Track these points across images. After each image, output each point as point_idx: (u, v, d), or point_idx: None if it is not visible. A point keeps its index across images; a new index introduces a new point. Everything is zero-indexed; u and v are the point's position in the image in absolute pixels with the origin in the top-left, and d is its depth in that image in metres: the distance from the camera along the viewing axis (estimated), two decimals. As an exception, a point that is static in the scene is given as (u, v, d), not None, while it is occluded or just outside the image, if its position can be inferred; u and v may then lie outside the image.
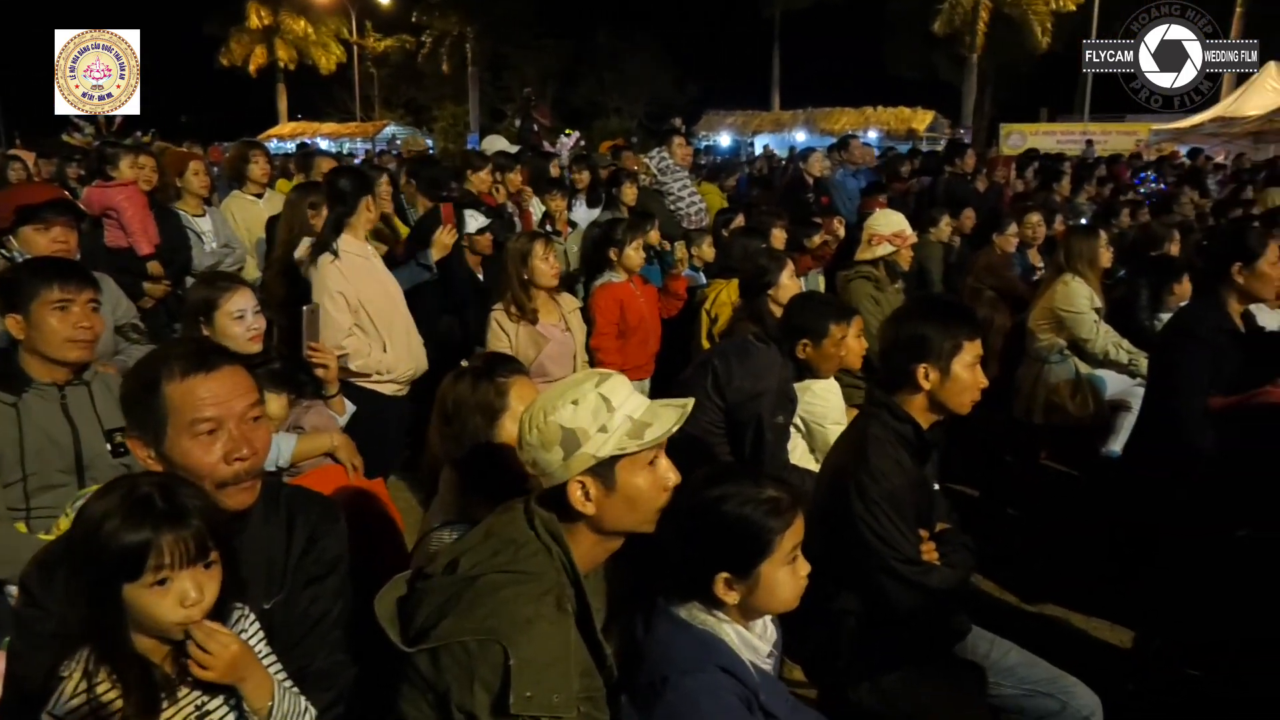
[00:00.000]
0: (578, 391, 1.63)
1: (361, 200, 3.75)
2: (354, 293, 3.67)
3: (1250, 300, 3.42)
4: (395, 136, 30.18)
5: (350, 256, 3.71)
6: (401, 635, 1.62)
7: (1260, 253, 3.32)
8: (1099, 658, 3.54)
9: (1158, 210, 8.48)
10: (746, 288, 4.12)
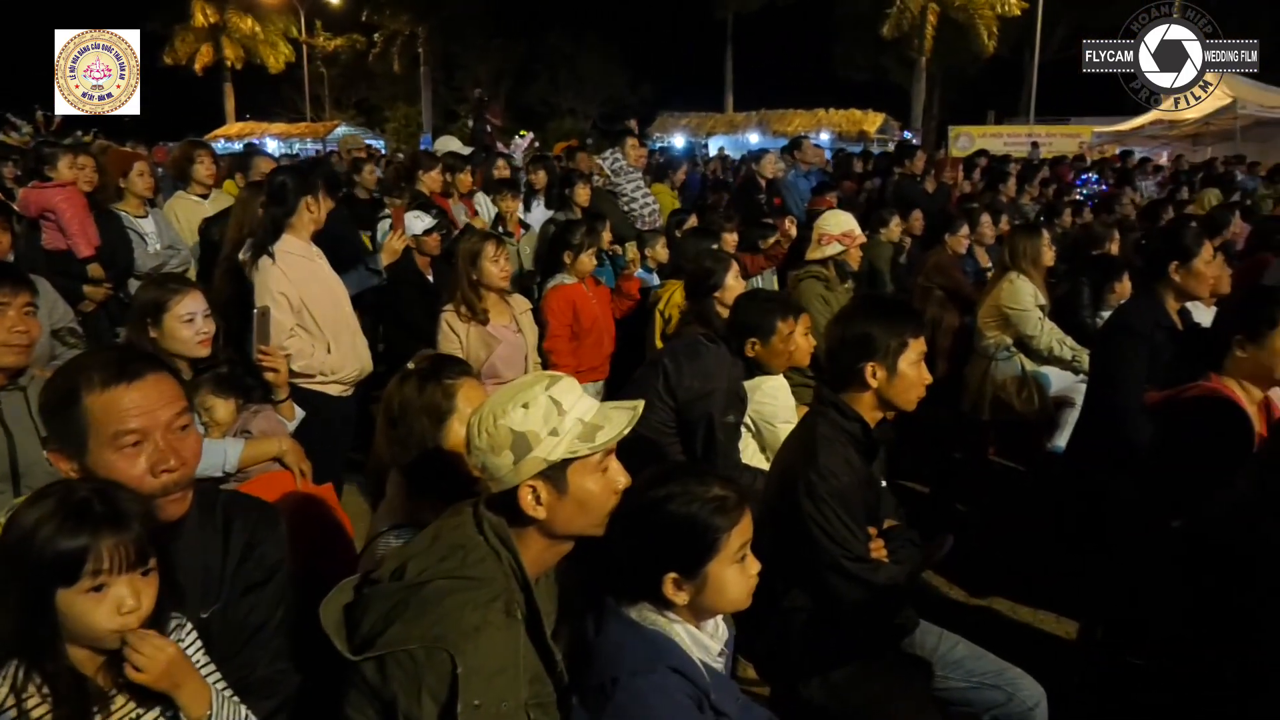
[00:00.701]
0: (528, 395, 1.61)
1: (302, 200, 3.68)
2: (296, 294, 3.61)
3: (1186, 298, 3.53)
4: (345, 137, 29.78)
5: (292, 257, 3.65)
6: (348, 643, 1.59)
7: (1196, 252, 3.43)
8: (1046, 649, 3.62)
9: (1099, 210, 8.70)
10: (692, 289, 4.15)
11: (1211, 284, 3.45)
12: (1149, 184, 13.17)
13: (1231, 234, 6.96)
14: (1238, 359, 2.72)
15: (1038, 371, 4.88)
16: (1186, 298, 3.51)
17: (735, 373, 3.32)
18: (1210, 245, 3.44)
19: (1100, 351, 3.64)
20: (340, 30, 37.38)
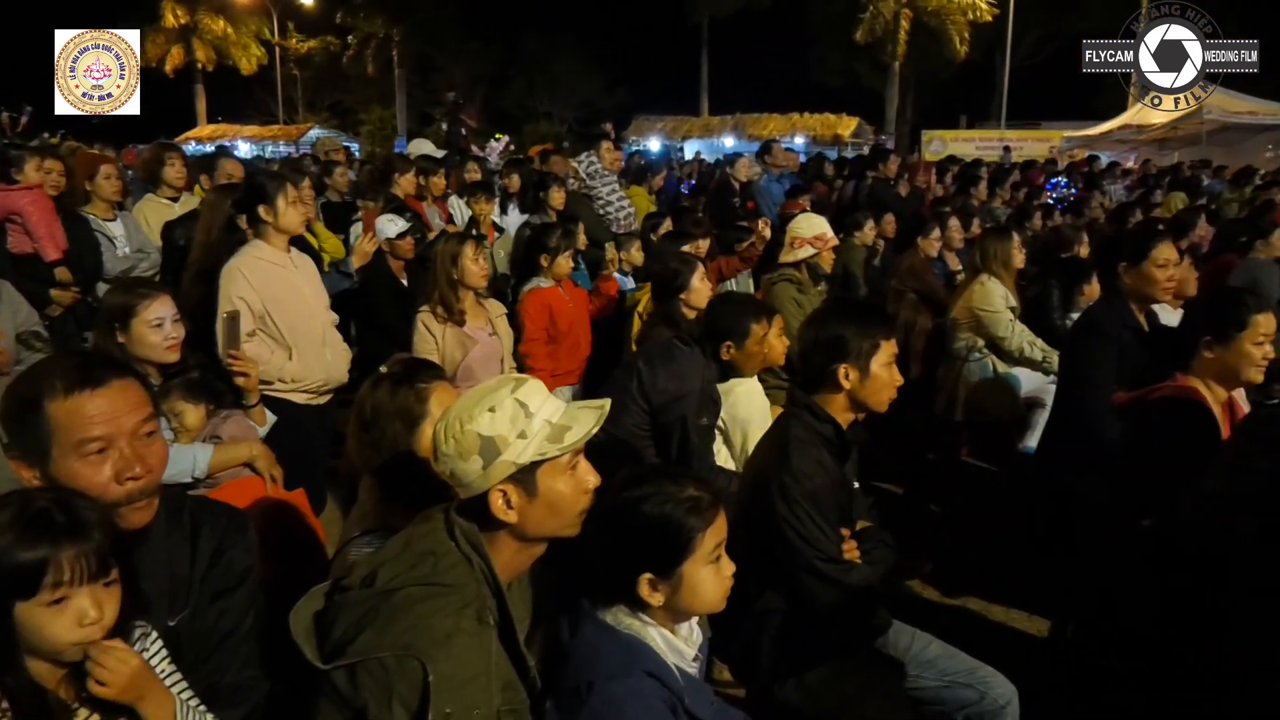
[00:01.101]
0: (494, 398, 1.61)
1: (274, 205, 3.61)
2: (259, 300, 3.55)
3: (1142, 300, 3.58)
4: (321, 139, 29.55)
5: (261, 263, 3.59)
6: (318, 650, 1.57)
7: (1145, 254, 3.49)
8: (1018, 648, 3.66)
9: (1068, 214, 8.81)
10: (658, 291, 4.17)
11: (1162, 286, 3.51)
12: (1117, 188, 13.34)
13: (1197, 237, 7.09)
14: (1205, 360, 2.77)
15: (1009, 373, 4.92)
16: (1142, 299, 3.56)
17: (709, 375, 3.33)
18: (1166, 247, 3.49)
19: (1069, 353, 3.68)
20: (313, 32, 37.12)
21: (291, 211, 3.65)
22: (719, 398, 3.37)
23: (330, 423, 3.97)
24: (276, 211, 3.60)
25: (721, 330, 3.40)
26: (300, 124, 33.74)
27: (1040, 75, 34.25)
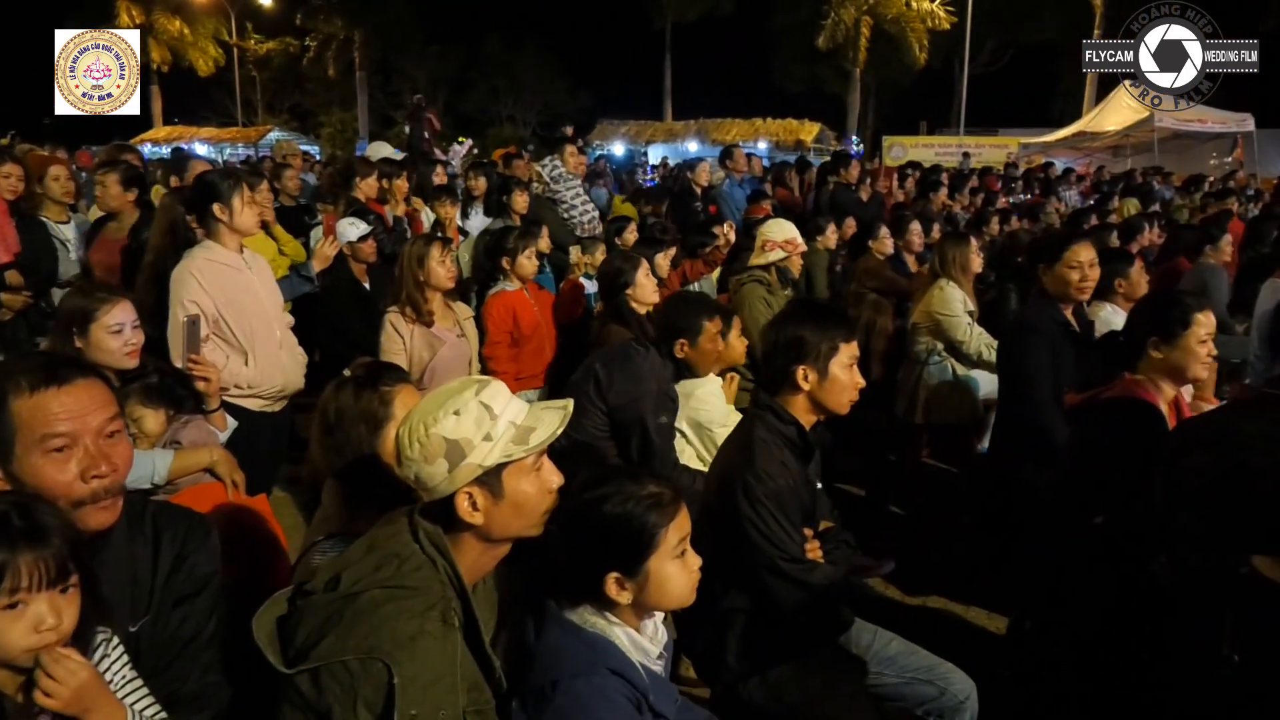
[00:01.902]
0: (458, 401, 1.61)
1: (227, 206, 3.55)
2: (212, 303, 3.49)
3: (1062, 299, 3.67)
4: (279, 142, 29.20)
5: (215, 266, 3.54)
6: (282, 655, 1.57)
7: (1059, 256, 3.60)
8: (979, 643, 3.72)
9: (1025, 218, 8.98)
10: (605, 290, 4.22)
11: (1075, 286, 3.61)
12: (1072, 194, 13.64)
13: (1149, 241, 7.27)
14: (1153, 359, 2.84)
15: (968, 375, 5.00)
16: (1061, 298, 3.66)
17: (664, 374, 3.37)
18: (1079, 249, 3.60)
19: (1005, 352, 3.78)
20: (272, 33, 36.66)
21: (247, 211, 3.60)
22: (676, 396, 3.40)
23: (285, 430, 3.93)
24: (232, 210, 3.54)
25: (674, 328, 3.43)
26: (259, 126, 33.26)
27: (998, 83, 34.94)
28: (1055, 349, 3.49)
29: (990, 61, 35.04)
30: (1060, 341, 3.51)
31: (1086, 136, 22.94)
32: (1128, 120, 21.16)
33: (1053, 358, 3.48)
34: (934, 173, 10.59)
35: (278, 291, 3.90)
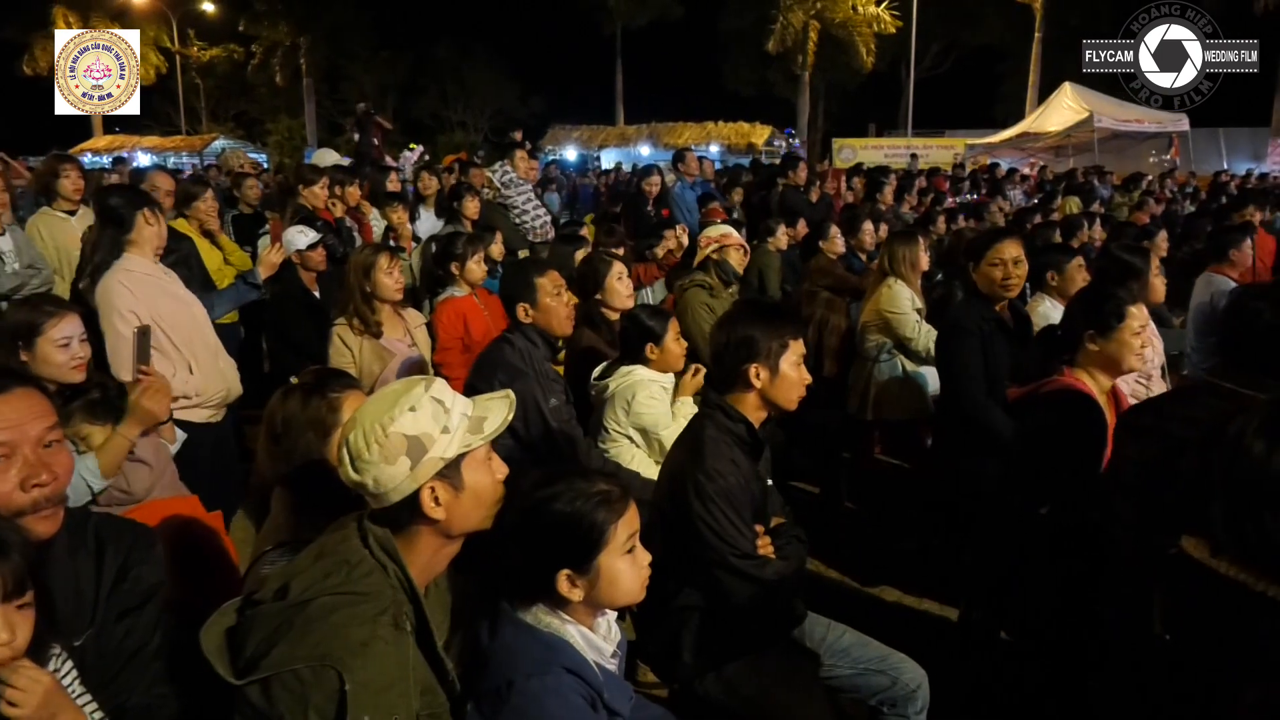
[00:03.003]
0: (411, 398, 1.61)
1: (139, 215, 3.50)
2: (147, 312, 3.43)
3: (991, 296, 3.77)
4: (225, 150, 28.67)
5: (138, 275, 3.48)
6: (231, 667, 1.55)
7: (982, 255, 3.72)
8: (932, 632, 3.79)
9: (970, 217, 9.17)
10: (579, 292, 4.23)
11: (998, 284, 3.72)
12: (1017, 193, 13.94)
13: (1089, 238, 7.47)
14: (1090, 352, 2.93)
15: (917, 372, 5.08)
16: (990, 295, 3.76)
17: (539, 354, 3.39)
18: (1003, 246, 3.70)
19: (941, 349, 3.87)
20: (215, 40, 35.97)
21: (149, 231, 3.55)
22: (558, 376, 3.46)
23: (230, 442, 3.87)
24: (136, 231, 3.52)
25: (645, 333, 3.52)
26: (204, 135, 32.62)
27: (943, 85, 35.64)
28: (987, 346, 3.57)
29: (935, 65, 35.73)
30: (992, 339, 3.59)
31: (1030, 137, 23.46)
32: (1069, 121, 21.71)
33: (985, 355, 3.56)
34: (880, 174, 10.75)
35: (199, 299, 3.85)
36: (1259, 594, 1.39)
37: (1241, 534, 1.41)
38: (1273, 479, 1.38)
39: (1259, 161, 23.60)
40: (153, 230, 3.57)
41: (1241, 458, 1.41)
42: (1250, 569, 1.41)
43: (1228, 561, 1.43)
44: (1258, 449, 1.40)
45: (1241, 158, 25.27)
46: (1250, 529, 1.40)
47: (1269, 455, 1.39)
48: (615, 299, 4.12)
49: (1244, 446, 1.41)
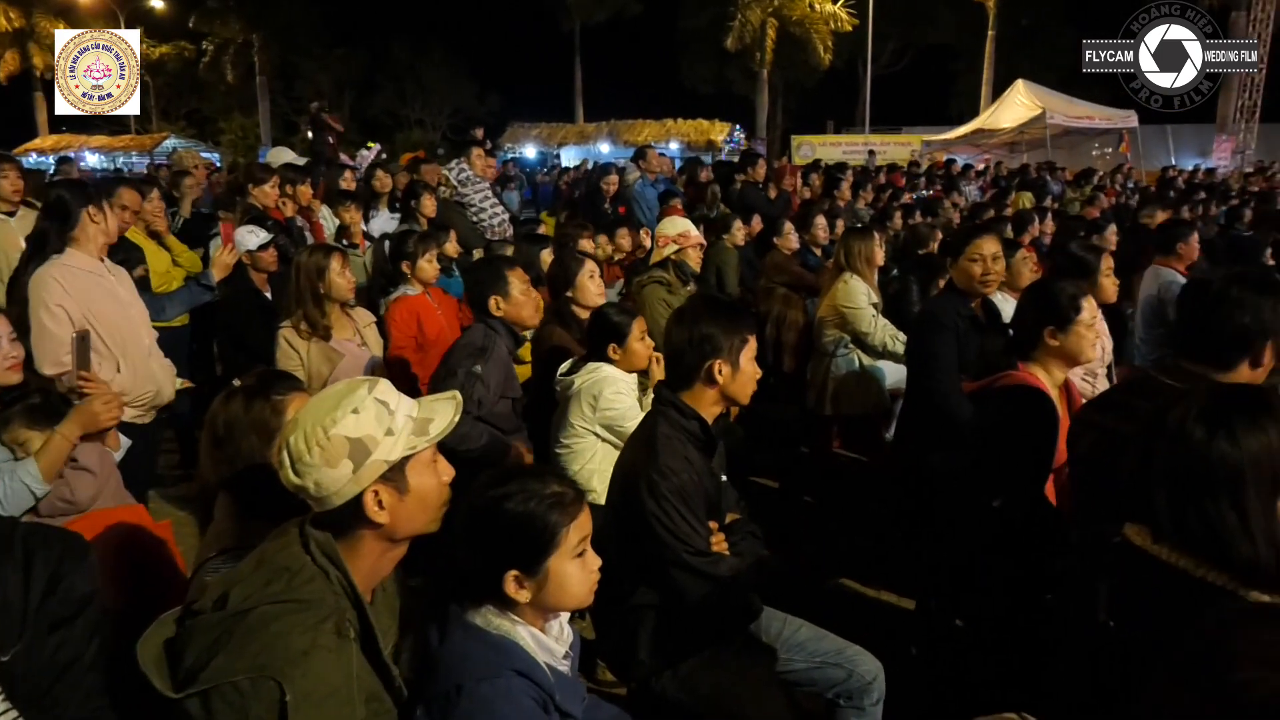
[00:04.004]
0: (354, 400, 1.58)
1: (84, 212, 3.44)
2: (78, 308, 3.36)
3: (969, 291, 3.82)
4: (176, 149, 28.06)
5: (76, 272, 3.42)
6: (170, 679, 1.50)
7: (962, 250, 3.76)
8: (887, 625, 3.82)
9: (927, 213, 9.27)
10: (552, 290, 4.21)
11: (978, 278, 3.77)
12: (971, 189, 14.13)
13: (1041, 231, 7.59)
14: (1049, 347, 2.96)
15: (874, 366, 5.13)
16: (968, 290, 3.81)
17: (504, 345, 3.52)
18: (982, 242, 3.75)
19: (914, 344, 3.90)
20: (165, 37, 35.20)
21: (93, 228, 3.49)
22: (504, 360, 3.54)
23: (156, 445, 3.79)
24: (80, 227, 3.45)
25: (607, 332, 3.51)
26: (154, 134, 31.92)
27: (899, 83, 36.04)
28: (960, 340, 3.61)
29: (891, 62, 36.11)
30: (966, 334, 3.63)
31: (984, 134, 23.81)
32: (1022, 117, 22.06)
33: (959, 350, 3.60)
34: (838, 170, 10.84)
35: (140, 300, 3.77)
36: (1199, 580, 1.41)
37: (1183, 521, 1.43)
38: (1213, 465, 1.40)
39: (1205, 157, 24.16)
40: (97, 228, 3.50)
41: (1182, 445, 1.43)
42: (1190, 555, 1.43)
43: (1169, 548, 1.45)
44: (1198, 435, 1.42)
45: (1189, 153, 25.89)
46: (1192, 515, 1.42)
47: (1209, 442, 1.41)
48: (586, 297, 4.11)
49: (1184, 434, 1.43)
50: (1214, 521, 1.39)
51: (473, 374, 3.42)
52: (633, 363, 3.52)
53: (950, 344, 3.55)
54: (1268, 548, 1.35)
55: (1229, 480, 1.39)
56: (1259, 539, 1.36)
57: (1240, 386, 1.56)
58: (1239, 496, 1.38)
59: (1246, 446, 1.40)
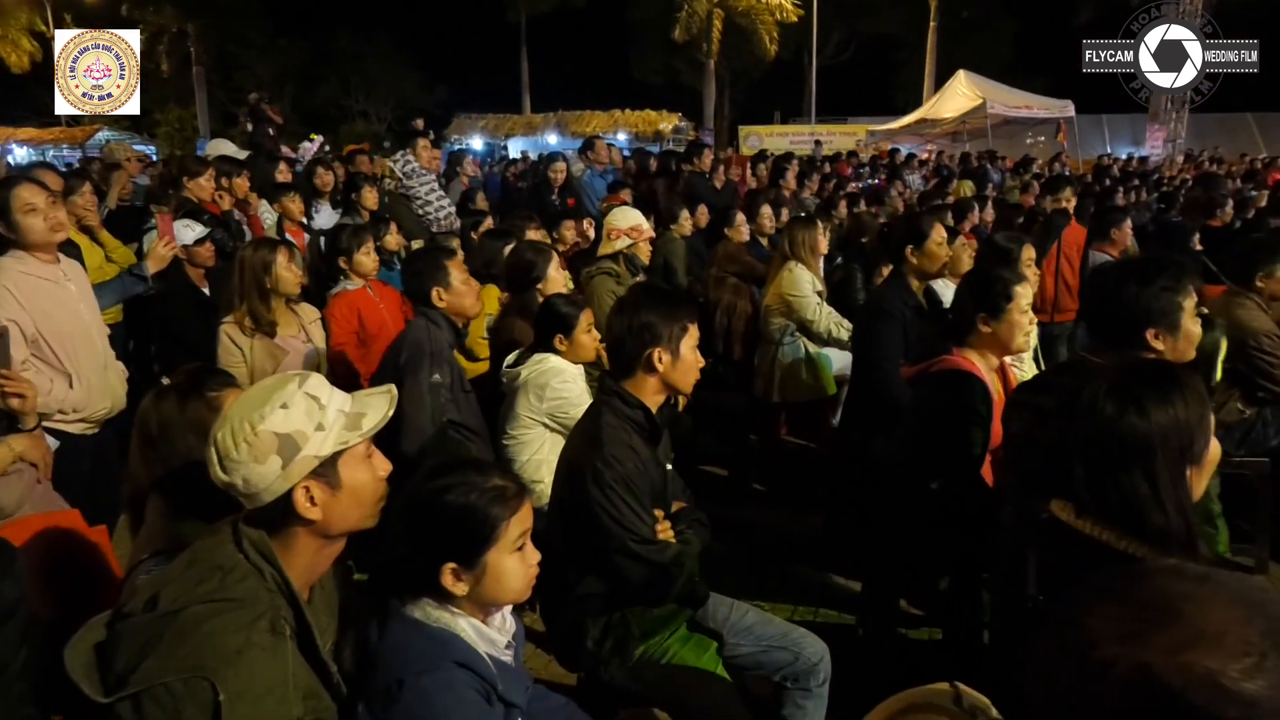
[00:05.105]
0: (283, 395, 1.56)
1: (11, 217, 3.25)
2: (30, 321, 3.20)
3: (925, 277, 3.90)
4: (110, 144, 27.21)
5: (28, 279, 3.25)
6: (101, 684, 1.47)
7: (928, 234, 3.83)
8: (835, 608, 3.88)
9: (872, 202, 9.40)
10: (514, 282, 4.16)
11: (943, 261, 3.85)
12: (915, 178, 14.34)
13: (982, 220, 7.74)
14: (982, 334, 3.03)
15: (820, 353, 5.19)
16: (925, 276, 3.88)
17: (444, 337, 3.45)
18: (939, 228, 3.84)
19: (860, 331, 3.97)
20: (95, 26, 34.09)
21: (29, 220, 3.27)
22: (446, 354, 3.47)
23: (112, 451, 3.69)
24: (11, 226, 3.26)
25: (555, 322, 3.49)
26: (86, 126, 30.91)
27: (844, 73, 36.41)
28: (906, 328, 3.68)
29: (836, 53, 36.44)
30: (912, 321, 3.70)
31: (928, 123, 24.16)
32: (964, 107, 22.44)
33: (904, 337, 3.67)
34: (784, 160, 10.92)
35: (96, 305, 3.65)
36: (1121, 551, 1.46)
37: (1102, 495, 1.48)
38: (1124, 439, 1.45)
39: (1139, 146, 24.83)
40: (47, 225, 3.30)
41: (1094, 421, 1.48)
42: (1112, 528, 1.47)
43: (1091, 522, 1.50)
44: (1108, 411, 1.47)
45: (1123, 142, 26.60)
46: (1110, 489, 1.47)
47: (1119, 417, 1.46)
48: (555, 289, 4.08)
49: (1096, 410, 1.48)
50: (1128, 493, 1.44)
51: (435, 385, 3.36)
52: (580, 354, 3.52)
53: (896, 331, 3.62)
54: (1178, 516, 1.41)
55: (1139, 453, 1.44)
56: (1170, 508, 1.41)
57: (1150, 362, 1.63)
58: (1150, 468, 1.44)
59: (1155, 420, 1.45)
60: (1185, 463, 1.45)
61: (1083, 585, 0.81)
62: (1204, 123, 25.10)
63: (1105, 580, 0.79)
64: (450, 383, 3.42)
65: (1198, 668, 0.69)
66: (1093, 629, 0.74)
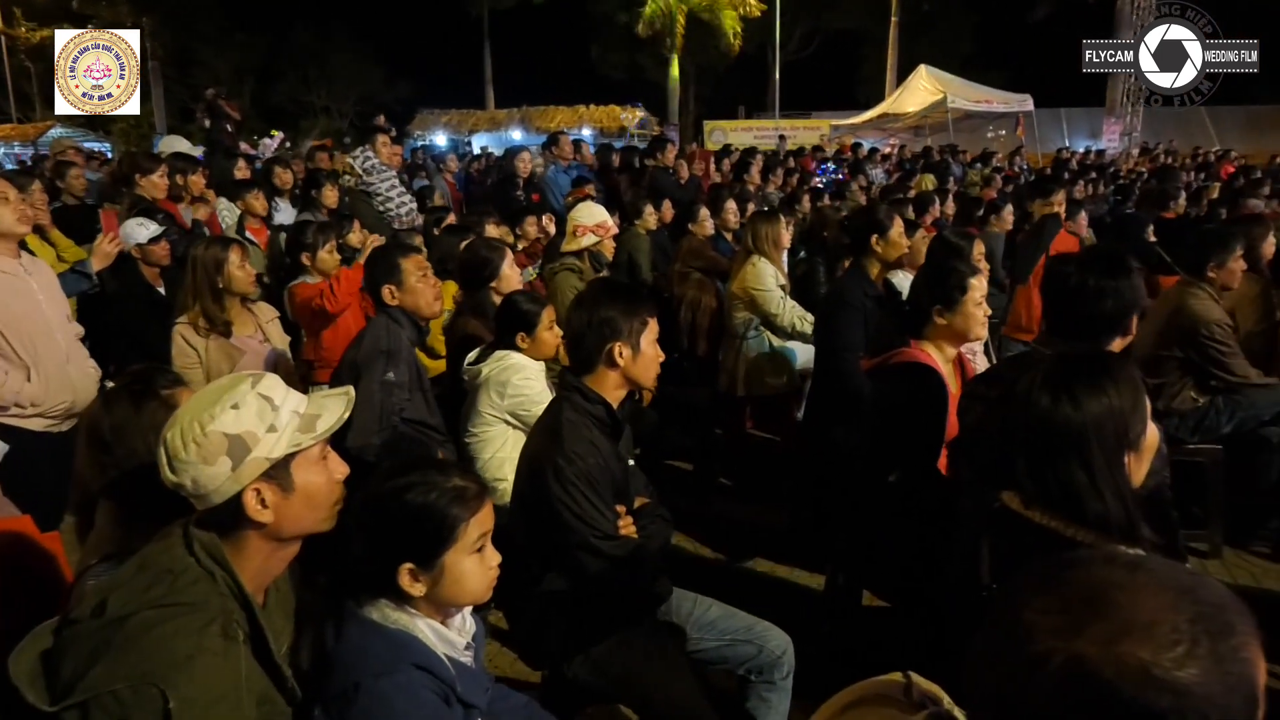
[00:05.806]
0: (234, 395, 1.53)
1: None
2: None
3: (889, 266, 3.94)
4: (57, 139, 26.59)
5: None
6: (48, 693, 1.44)
7: (889, 225, 3.87)
8: (799, 601, 3.92)
9: (835, 197, 9.46)
10: (467, 280, 4.11)
11: (905, 250, 3.91)
12: (878, 172, 14.46)
13: (943, 213, 7.83)
14: (938, 326, 3.07)
15: (784, 347, 5.22)
16: (888, 265, 3.93)
17: (406, 335, 3.41)
18: (899, 218, 3.89)
19: (821, 323, 4.00)
20: (46, 20, 33.23)
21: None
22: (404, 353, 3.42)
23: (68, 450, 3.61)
24: None
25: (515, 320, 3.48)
26: (38, 123, 30.20)
27: (808, 68, 36.62)
28: (867, 319, 3.72)
29: (800, 48, 36.66)
30: (872, 312, 3.74)
31: (890, 118, 24.36)
32: (925, 102, 22.65)
33: (865, 329, 3.71)
34: (749, 155, 10.96)
35: (64, 300, 3.58)
36: (1069, 539, 1.49)
37: (1044, 484, 1.50)
38: (1058, 431, 1.48)
39: (1096, 139, 25.25)
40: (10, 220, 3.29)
41: (1031, 413, 1.51)
42: (1059, 516, 1.50)
43: (1040, 511, 1.52)
44: (1043, 402, 1.50)
45: (1080, 136, 27.04)
46: (1050, 479, 1.49)
47: (1054, 407, 1.49)
48: (510, 286, 4.05)
49: (1031, 401, 1.51)
50: (1066, 482, 1.47)
51: (386, 383, 3.31)
52: (541, 351, 3.51)
53: (857, 322, 3.66)
54: (1116, 502, 1.44)
55: (1075, 442, 1.47)
56: (1108, 495, 1.44)
57: (1082, 354, 1.66)
58: (1086, 457, 1.46)
59: (1088, 409, 1.48)
60: (1123, 449, 1.48)
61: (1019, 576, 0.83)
62: (1159, 116, 25.56)
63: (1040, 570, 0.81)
64: (408, 380, 3.38)
65: (1130, 659, 0.70)
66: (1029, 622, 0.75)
